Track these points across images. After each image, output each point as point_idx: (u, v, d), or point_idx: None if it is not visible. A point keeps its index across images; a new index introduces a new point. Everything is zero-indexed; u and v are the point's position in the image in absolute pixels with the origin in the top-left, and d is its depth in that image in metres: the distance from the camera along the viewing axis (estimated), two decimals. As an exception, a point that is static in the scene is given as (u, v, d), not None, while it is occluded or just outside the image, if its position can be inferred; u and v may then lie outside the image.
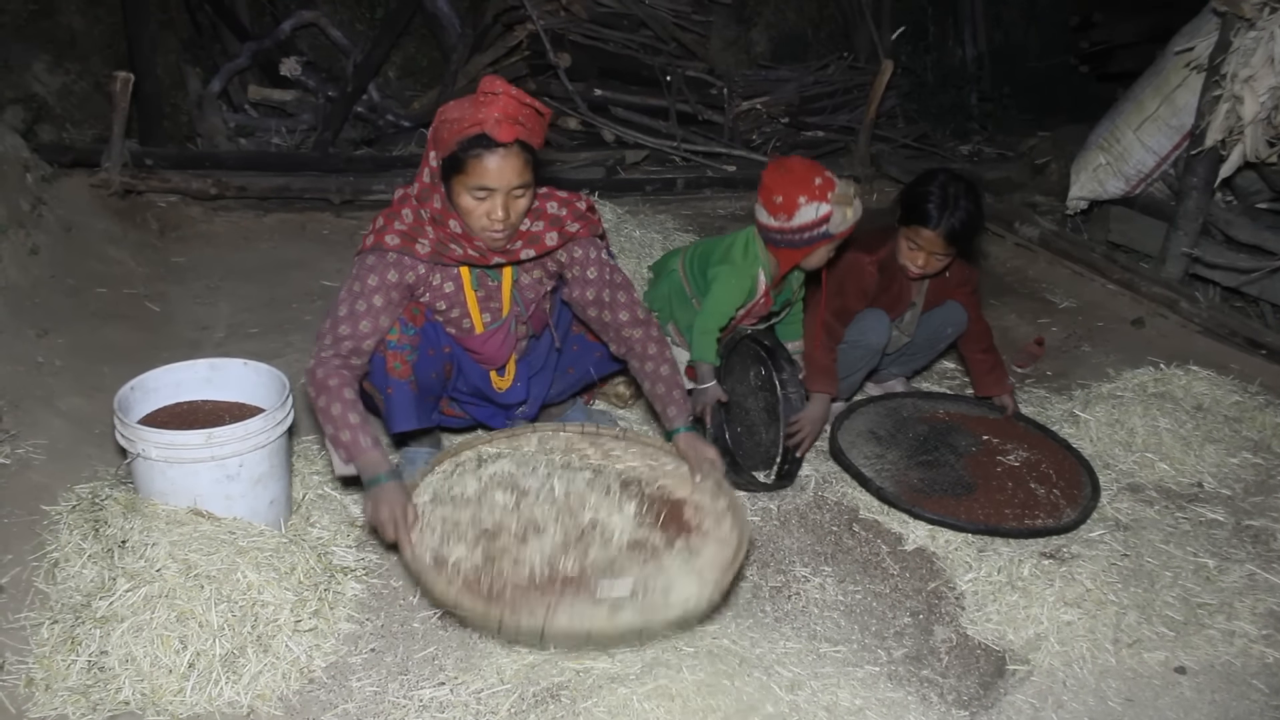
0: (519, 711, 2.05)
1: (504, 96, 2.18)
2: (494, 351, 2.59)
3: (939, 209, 2.83)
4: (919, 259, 2.93)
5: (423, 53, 6.30)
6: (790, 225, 2.73)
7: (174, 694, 2.01)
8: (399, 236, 2.34)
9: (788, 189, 2.70)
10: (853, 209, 2.70)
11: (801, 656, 2.26)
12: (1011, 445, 3.10)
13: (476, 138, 2.17)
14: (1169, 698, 2.24)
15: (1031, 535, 2.69)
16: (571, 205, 2.50)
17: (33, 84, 5.23)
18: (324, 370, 2.29)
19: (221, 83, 5.51)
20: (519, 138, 2.19)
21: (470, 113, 2.17)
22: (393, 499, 2.17)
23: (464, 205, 2.27)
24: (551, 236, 2.43)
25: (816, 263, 2.83)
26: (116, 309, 3.65)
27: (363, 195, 4.90)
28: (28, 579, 2.29)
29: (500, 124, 2.16)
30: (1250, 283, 4.22)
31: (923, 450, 3.06)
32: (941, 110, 6.64)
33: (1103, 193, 4.76)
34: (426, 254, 2.35)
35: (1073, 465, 3.02)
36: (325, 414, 2.27)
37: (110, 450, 2.71)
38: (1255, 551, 2.71)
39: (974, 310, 3.21)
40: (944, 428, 3.19)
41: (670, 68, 5.78)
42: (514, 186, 2.24)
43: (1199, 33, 4.23)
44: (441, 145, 2.24)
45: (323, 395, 2.27)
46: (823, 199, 2.67)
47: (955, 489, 2.87)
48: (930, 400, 3.37)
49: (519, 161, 2.22)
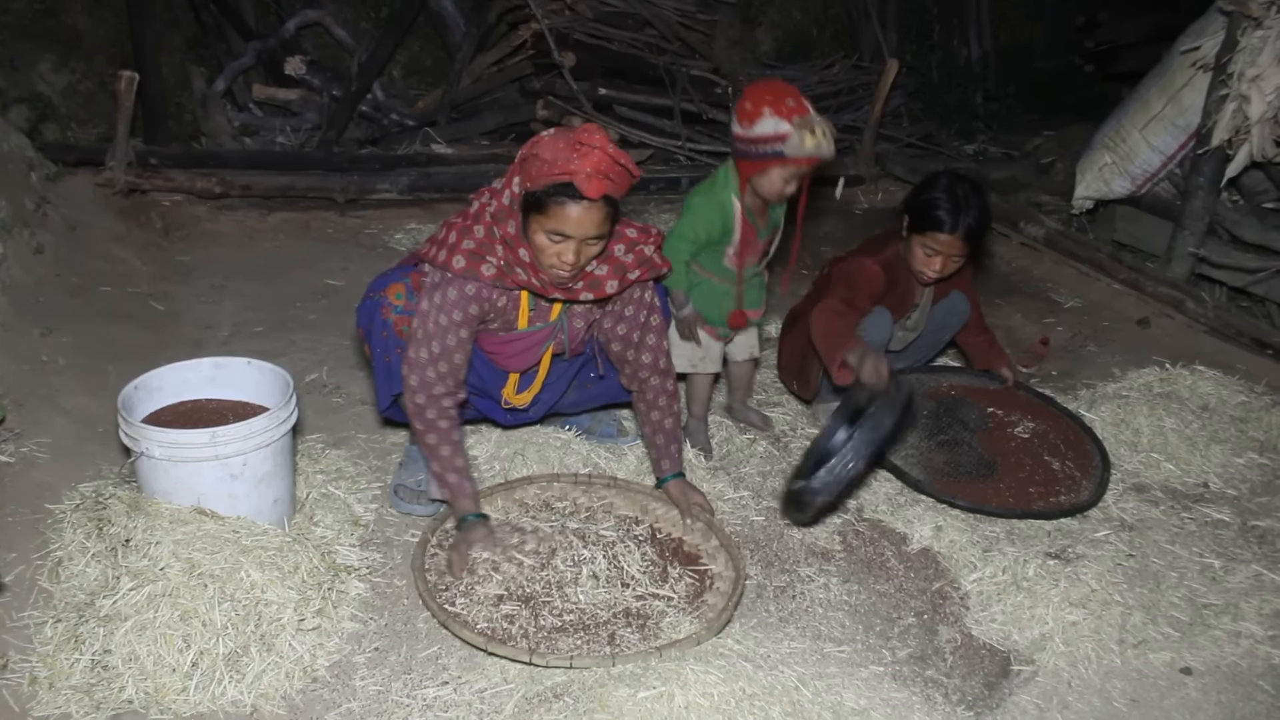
0: (522, 711, 2.04)
1: (599, 152, 2.16)
2: (512, 356, 2.57)
3: (951, 212, 2.81)
4: (936, 264, 2.90)
5: (427, 52, 6.31)
6: (749, 134, 2.69)
7: (177, 693, 2.01)
8: (465, 258, 2.33)
9: (758, 98, 2.68)
10: (814, 141, 2.63)
11: (806, 656, 2.25)
12: (1017, 416, 3.11)
13: (564, 185, 2.17)
14: (1174, 699, 2.23)
15: (1062, 515, 2.75)
16: (638, 250, 2.47)
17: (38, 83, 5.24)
18: (435, 411, 2.41)
19: (226, 82, 5.52)
20: (606, 193, 2.19)
21: (563, 158, 2.16)
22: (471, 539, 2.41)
23: (537, 242, 2.28)
24: (612, 285, 2.43)
25: (769, 188, 2.74)
26: (121, 308, 3.65)
27: (367, 194, 4.91)
28: (31, 577, 2.29)
29: (591, 179, 2.15)
30: (1256, 282, 4.22)
31: (938, 429, 3.04)
32: (947, 110, 6.64)
33: (1108, 192, 4.75)
34: (491, 276, 2.34)
35: (1076, 434, 3.05)
36: (433, 452, 2.43)
37: (114, 449, 2.71)
38: (1261, 552, 2.70)
39: (972, 297, 3.24)
40: (951, 403, 3.16)
41: (675, 67, 5.78)
42: (590, 237, 2.25)
43: (1205, 32, 4.22)
44: (528, 179, 2.24)
45: (431, 433, 2.42)
46: (786, 118, 2.63)
47: (979, 470, 2.88)
48: (933, 374, 3.35)
49: (600, 215, 2.22)
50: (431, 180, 5.03)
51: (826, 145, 2.66)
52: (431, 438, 2.41)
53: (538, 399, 2.72)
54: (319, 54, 5.87)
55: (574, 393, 2.83)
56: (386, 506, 2.72)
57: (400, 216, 4.92)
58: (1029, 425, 3.08)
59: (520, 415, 2.77)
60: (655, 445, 2.67)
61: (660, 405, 2.64)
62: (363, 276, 2.27)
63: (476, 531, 2.41)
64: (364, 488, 2.77)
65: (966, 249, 2.88)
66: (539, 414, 2.79)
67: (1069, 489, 2.83)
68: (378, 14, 6.17)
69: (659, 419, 2.65)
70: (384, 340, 2.48)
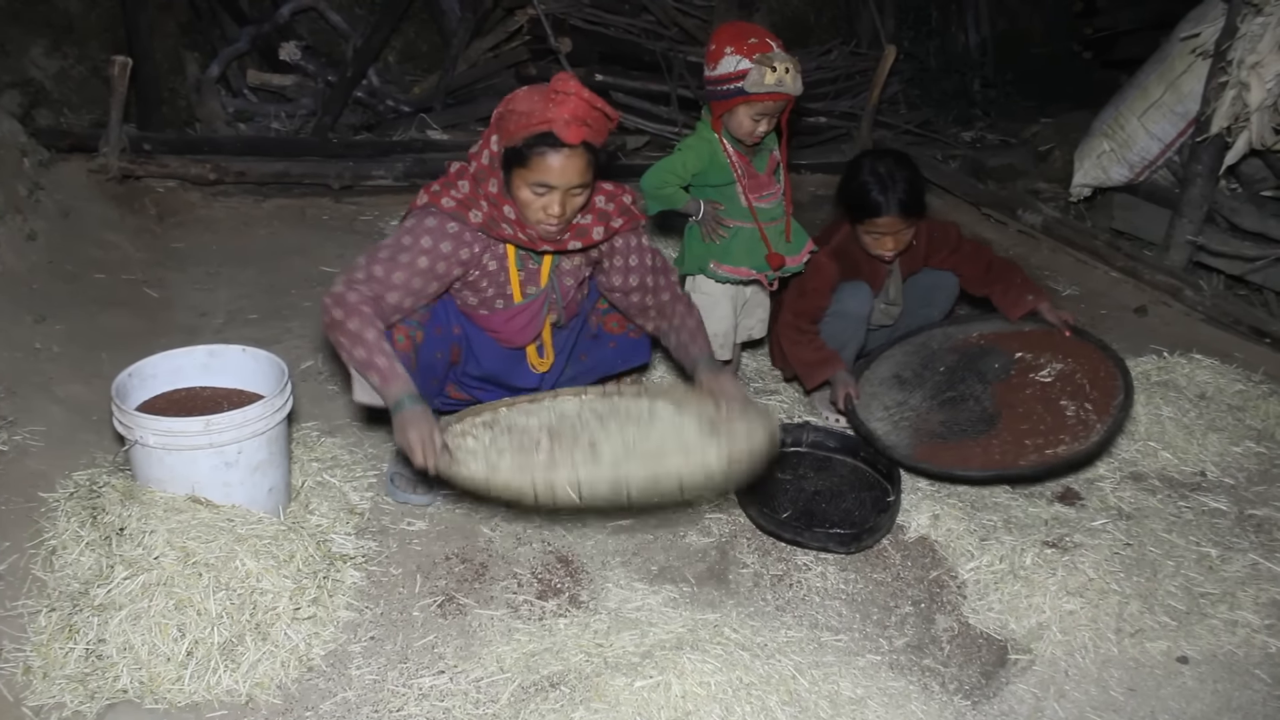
0: (519, 700, 2.04)
1: (575, 98, 2.18)
2: (515, 332, 2.56)
3: (880, 193, 2.86)
4: (888, 244, 2.94)
5: (423, 37, 6.26)
6: (713, 74, 2.73)
7: (172, 682, 2.01)
8: (455, 201, 2.35)
9: (721, 39, 2.71)
10: (774, 76, 2.63)
11: (803, 645, 2.25)
12: (1047, 358, 2.95)
13: (543, 135, 2.18)
14: (1171, 687, 2.24)
15: (1048, 475, 2.71)
16: (618, 200, 2.51)
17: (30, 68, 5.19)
18: (356, 295, 2.25)
19: (220, 67, 5.48)
20: (585, 139, 2.20)
21: (540, 109, 2.17)
22: (420, 422, 2.18)
23: (522, 197, 2.28)
24: (598, 231, 2.44)
25: (738, 127, 2.77)
26: (114, 295, 3.64)
27: (362, 180, 4.88)
28: (25, 566, 2.28)
29: (569, 125, 2.16)
30: (1255, 270, 4.21)
31: (948, 386, 2.99)
32: (944, 96, 6.62)
33: (1107, 180, 4.74)
34: (479, 223, 2.34)
35: (1109, 369, 2.87)
36: (356, 337, 2.22)
37: (108, 437, 2.70)
38: (1258, 541, 2.70)
39: (972, 258, 3.13)
40: (975, 353, 3.06)
41: (671, 52, 5.75)
42: (574, 185, 2.25)
43: (1205, 19, 4.21)
44: (506, 135, 2.24)
45: (354, 318, 2.22)
46: (746, 55, 2.64)
47: (977, 426, 2.82)
48: (962, 325, 3.22)
49: (582, 162, 2.23)
50: (427, 166, 5.00)
51: (790, 81, 2.67)
52: (353, 322, 2.22)
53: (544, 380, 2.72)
54: (314, 39, 5.83)
55: (570, 368, 2.83)
56: (382, 495, 2.72)
57: (396, 203, 4.89)
58: (1056, 367, 2.91)
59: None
60: (683, 344, 2.62)
61: (681, 311, 2.65)
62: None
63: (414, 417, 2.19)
64: (359, 476, 2.76)
65: (908, 222, 2.90)
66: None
67: (1076, 436, 2.69)
68: (372, -1, 6.13)
69: (681, 322, 2.64)
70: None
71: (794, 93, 2.69)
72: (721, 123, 2.79)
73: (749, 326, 3.10)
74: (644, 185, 2.89)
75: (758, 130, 2.75)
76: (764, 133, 2.77)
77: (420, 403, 2.22)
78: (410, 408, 2.20)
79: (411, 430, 2.17)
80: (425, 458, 2.16)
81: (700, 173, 2.86)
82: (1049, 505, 2.79)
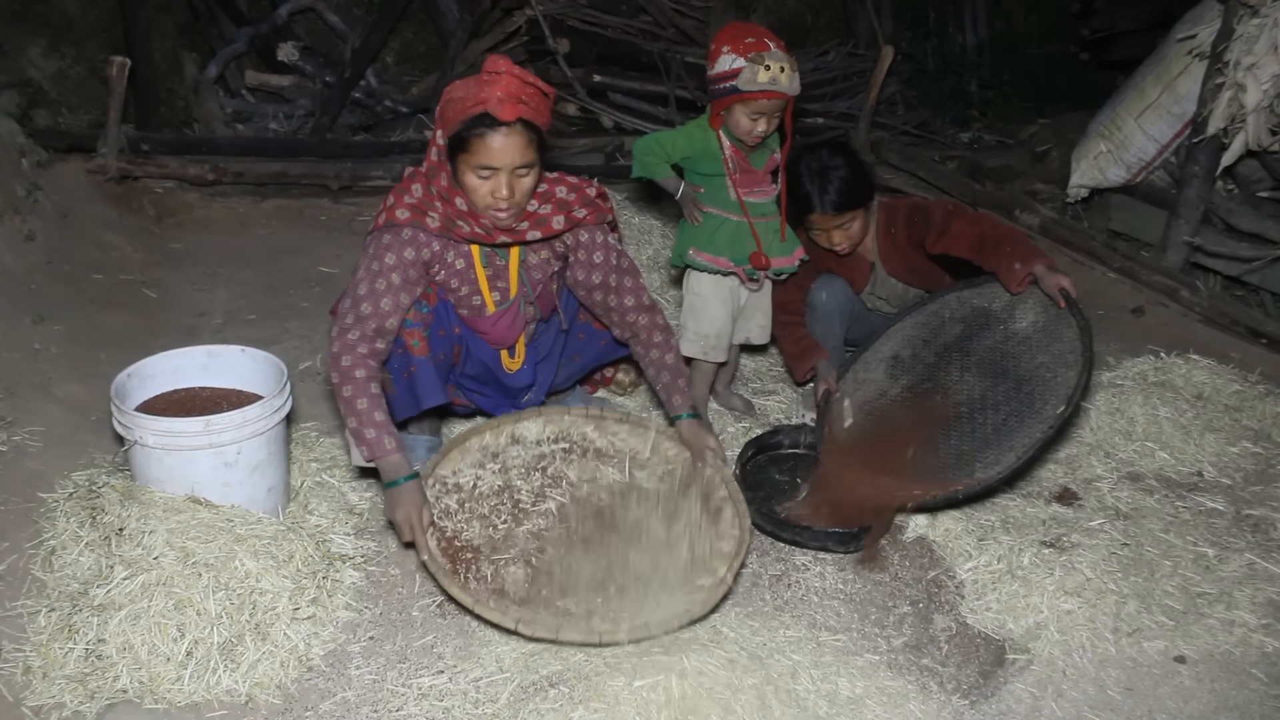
0: (518, 700, 2.04)
1: (506, 76, 2.20)
2: (503, 332, 2.60)
3: (813, 187, 2.87)
4: (834, 238, 2.95)
5: (420, 38, 6.27)
6: (712, 73, 2.75)
7: (172, 682, 2.01)
8: (409, 210, 2.37)
9: (721, 38, 2.73)
10: (768, 75, 2.63)
11: (801, 645, 2.25)
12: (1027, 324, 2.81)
13: (479, 117, 2.20)
14: (1168, 687, 2.24)
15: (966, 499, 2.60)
16: (581, 191, 2.52)
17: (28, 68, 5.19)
18: (350, 358, 2.30)
19: (218, 68, 5.48)
20: (522, 116, 2.21)
21: (474, 92, 2.20)
22: (409, 502, 2.24)
23: (469, 184, 2.30)
24: (558, 220, 2.45)
25: (736, 126, 2.76)
26: (113, 295, 3.64)
27: (360, 181, 4.88)
28: (24, 566, 2.28)
29: (503, 103, 2.18)
30: (1251, 271, 4.22)
31: (939, 367, 2.88)
32: (942, 97, 6.62)
33: (1103, 181, 4.75)
34: (436, 227, 2.37)
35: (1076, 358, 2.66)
36: (349, 405, 2.29)
37: (107, 437, 2.70)
38: (1255, 541, 2.70)
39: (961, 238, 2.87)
40: (979, 324, 2.92)
41: (669, 53, 5.75)
42: (518, 165, 2.26)
43: (1201, 20, 4.21)
44: (446, 124, 2.27)
45: (347, 385, 2.29)
46: (741, 54, 2.65)
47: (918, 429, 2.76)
48: (977, 289, 3.00)
49: (522, 140, 2.24)
50: (425, 167, 5.01)
51: (785, 80, 2.66)
52: (346, 389, 2.29)
53: (536, 375, 2.74)
54: (312, 40, 5.83)
55: (564, 369, 2.87)
56: (381, 495, 2.71)
57: (394, 204, 4.90)
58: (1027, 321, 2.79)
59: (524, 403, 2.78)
60: (662, 383, 2.62)
61: (657, 342, 2.63)
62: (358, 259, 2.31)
63: (404, 495, 2.25)
64: (358, 476, 2.76)
65: (847, 214, 2.90)
66: (539, 397, 2.82)
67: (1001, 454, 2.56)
68: (370, -1, 6.13)
69: (659, 356, 2.62)
70: (400, 356, 2.46)
71: (789, 92, 2.68)
72: (721, 120, 2.80)
73: (747, 331, 3.09)
74: (635, 147, 2.92)
75: (756, 130, 2.74)
76: (763, 132, 2.76)
77: (410, 478, 2.29)
78: (398, 487, 2.27)
79: (399, 510, 2.25)
80: (413, 537, 2.24)
81: (690, 158, 2.87)
82: (1046, 505, 2.80)
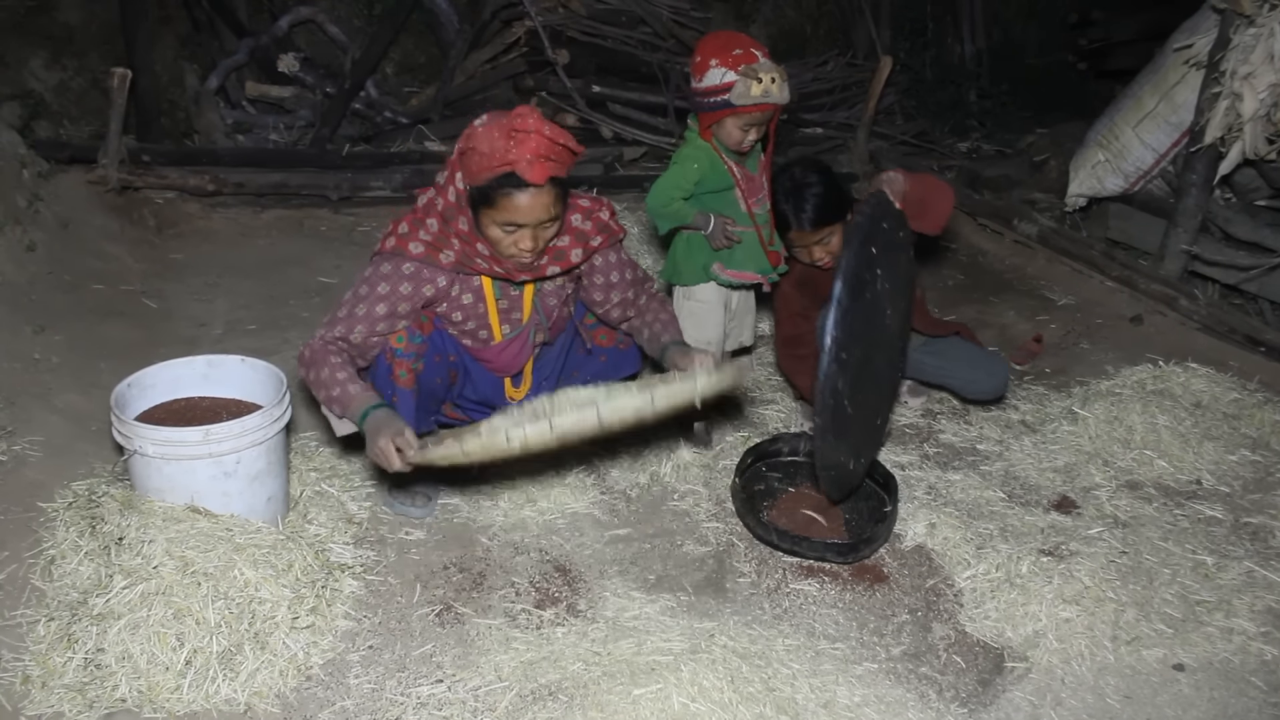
0: (516, 709, 2.04)
1: (536, 136, 2.11)
2: (509, 360, 2.58)
3: (789, 206, 2.91)
4: (816, 254, 2.98)
5: (421, 49, 6.28)
6: (699, 87, 2.73)
7: (171, 691, 2.01)
8: (424, 245, 2.33)
9: (706, 51, 2.72)
10: (760, 88, 2.63)
11: (800, 654, 2.25)
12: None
13: (507, 176, 2.14)
14: (1167, 695, 2.24)
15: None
16: (595, 217, 2.48)
17: (30, 80, 5.21)
18: (311, 351, 2.33)
19: (219, 79, 5.50)
20: (551, 175, 2.16)
21: (501, 148, 2.12)
22: (388, 428, 2.16)
23: (492, 235, 2.27)
24: (576, 253, 2.43)
25: (727, 138, 2.77)
26: (114, 306, 3.64)
27: (360, 192, 4.90)
28: (24, 576, 2.28)
29: (533, 165, 2.12)
30: (1249, 280, 4.22)
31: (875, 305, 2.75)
32: (940, 107, 6.64)
33: (1101, 190, 4.75)
34: (451, 264, 2.34)
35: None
36: (317, 383, 2.30)
37: (107, 447, 2.70)
38: (1253, 549, 2.70)
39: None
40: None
41: (668, 64, 5.77)
42: (544, 221, 2.24)
43: (1198, 30, 4.22)
44: (469, 175, 2.22)
45: (312, 369, 2.32)
46: (731, 67, 2.64)
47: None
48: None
49: (549, 198, 2.21)
50: (425, 178, 5.00)
51: (776, 91, 2.66)
52: (311, 373, 2.31)
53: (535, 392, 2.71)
54: (312, 51, 5.85)
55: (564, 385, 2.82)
56: (380, 505, 2.72)
57: (393, 214, 4.83)
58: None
59: None
60: (656, 337, 2.59)
61: (662, 317, 2.63)
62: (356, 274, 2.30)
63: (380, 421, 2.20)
64: (358, 485, 2.77)
65: (823, 230, 2.93)
66: None
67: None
68: (371, 11, 6.14)
69: (654, 317, 2.63)
70: (385, 381, 2.43)
71: (781, 102, 2.69)
72: (711, 132, 2.80)
73: (739, 335, 3.11)
74: (650, 206, 2.86)
75: (746, 140, 2.76)
76: (754, 141, 2.78)
77: (383, 406, 2.24)
78: (373, 414, 2.21)
79: (380, 437, 2.16)
80: (401, 456, 2.14)
81: (701, 180, 2.85)
82: (1045, 514, 2.80)
